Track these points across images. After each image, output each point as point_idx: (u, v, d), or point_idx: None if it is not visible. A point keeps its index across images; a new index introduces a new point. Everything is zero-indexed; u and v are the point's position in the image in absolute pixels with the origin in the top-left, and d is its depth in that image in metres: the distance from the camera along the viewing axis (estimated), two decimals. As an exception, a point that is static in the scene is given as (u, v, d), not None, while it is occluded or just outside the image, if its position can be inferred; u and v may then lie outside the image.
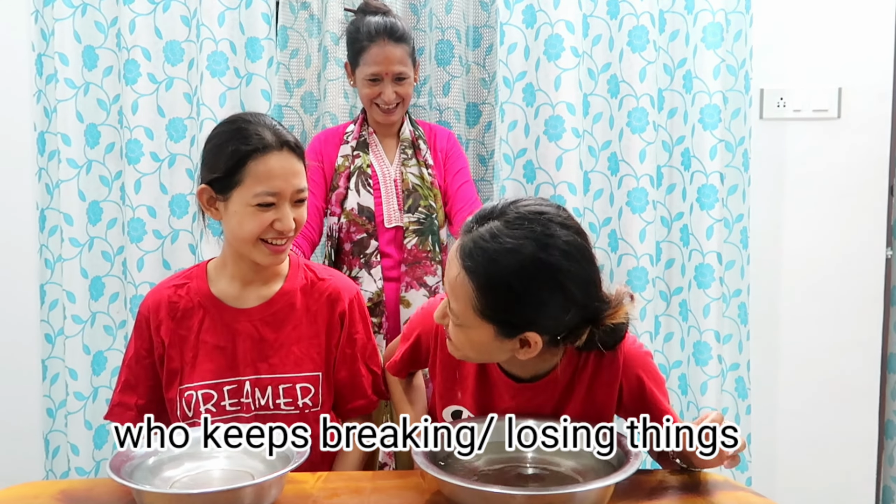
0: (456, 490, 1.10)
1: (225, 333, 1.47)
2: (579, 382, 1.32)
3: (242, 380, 1.47)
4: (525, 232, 1.16)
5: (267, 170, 1.39)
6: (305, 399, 1.48)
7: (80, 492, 1.26)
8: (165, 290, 1.51)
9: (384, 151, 2.09)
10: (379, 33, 1.99)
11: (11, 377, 2.30)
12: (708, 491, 1.23)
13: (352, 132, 2.09)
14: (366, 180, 2.04)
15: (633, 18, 2.12)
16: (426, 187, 2.06)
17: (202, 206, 1.46)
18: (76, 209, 2.16)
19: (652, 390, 1.32)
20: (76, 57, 2.13)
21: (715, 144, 2.15)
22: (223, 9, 2.09)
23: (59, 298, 2.20)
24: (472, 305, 1.18)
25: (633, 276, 2.18)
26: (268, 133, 1.40)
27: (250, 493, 1.12)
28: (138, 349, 1.50)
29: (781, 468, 2.38)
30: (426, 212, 2.05)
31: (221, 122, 1.48)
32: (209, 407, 1.45)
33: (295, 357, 1.49)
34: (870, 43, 2.28)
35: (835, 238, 2.33)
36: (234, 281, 1.49)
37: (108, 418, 1.52)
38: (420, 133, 2.11)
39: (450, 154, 2.13)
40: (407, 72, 2.02)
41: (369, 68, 2.00)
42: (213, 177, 1.41)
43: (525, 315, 1.18)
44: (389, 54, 1.99)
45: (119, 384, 1.52)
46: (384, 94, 2.00)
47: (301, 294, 1.51)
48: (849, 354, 2.35)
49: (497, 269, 1.15)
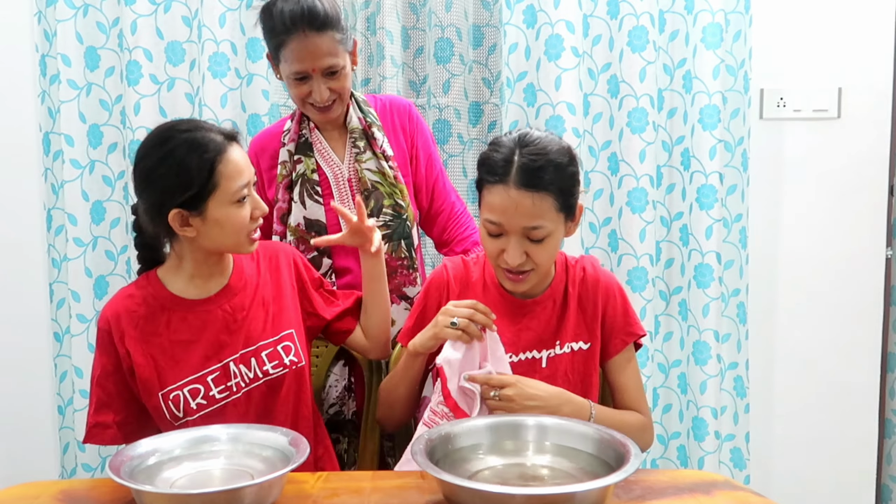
0: (456, 490, 1.10)
1: (197, 326, 1.48)
2: (571, 298, 1.52)
3: (226, 362, 1.48)
4: (543, 133, 1.45)
5: (234, 167, 1.42)
6: (290, 356, 1.52)
7: (81, 492, 1.27)
8: (121, 301, 1.50)
9: (331, 149, 1.79)
10: (296, 23, 1.63)
11: (27, 375, 2.31)
12: (708, 491, 1.23)
13: (288, 131, 1.80)
14: (312, 188, 1.76)
15: (633, 18, 2.13)
16: (388, 183, 1.77)
17: (174, 231, 1.43)
18: (80, 209, 2.17)
19: (625, 300, 1.56)
20: (78, 58, 2.13)
21: (714, 144, 2.15)
22: (224, 10, 2.09)
23: (65, 297, 2.21)
24: (556, 207, 1.41)
25: (632, 275, 2.19)
26: (214, 133, 1.43)
27: (250, 493, 1.13)
28: (105, 365, 1.48)
29: (780, 467, 2.39)
30: (392, 212, 1.78)
31: (155, 141, 1.43)
32: (199, 401, 1.46)
33: (267, 322, 1.52)
34: (870, 43, 2.28)
35: (834, 238, 2.33)
36: (194, 279, 1.51)
37: (87, 441, 1.49)
38: (372, 118, 1.81)
39: (415, 135, 1.85)
40: (339, 62, 1.68)
41: (292, 66, 1.67)
42: (187, 195, 1.40)
43: (575, 188, 1.44)
44: (313, 48, 1.65)
45: (92, 404, 1.49)
46: (315, 93, 1.69)
47: (251, 269, 1.56)
48: (849, 354, 2.35)
49: (561, 166, 1.41)
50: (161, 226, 1.44)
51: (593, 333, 1.52)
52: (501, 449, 1.29)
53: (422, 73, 2.29)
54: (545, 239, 1.42)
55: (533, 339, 1.50)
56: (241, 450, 1.29)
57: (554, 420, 1.32)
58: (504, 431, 1.31)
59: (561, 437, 1.29)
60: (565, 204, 1.42)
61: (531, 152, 1.40)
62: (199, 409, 1.45)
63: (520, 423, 1.32)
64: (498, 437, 1.30)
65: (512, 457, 1.28)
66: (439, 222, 1.90)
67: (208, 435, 1.32)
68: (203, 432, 1.32)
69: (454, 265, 1.60)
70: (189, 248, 1.48)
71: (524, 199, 1.38)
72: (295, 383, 1.53)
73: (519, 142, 1.42)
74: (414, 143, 1.85)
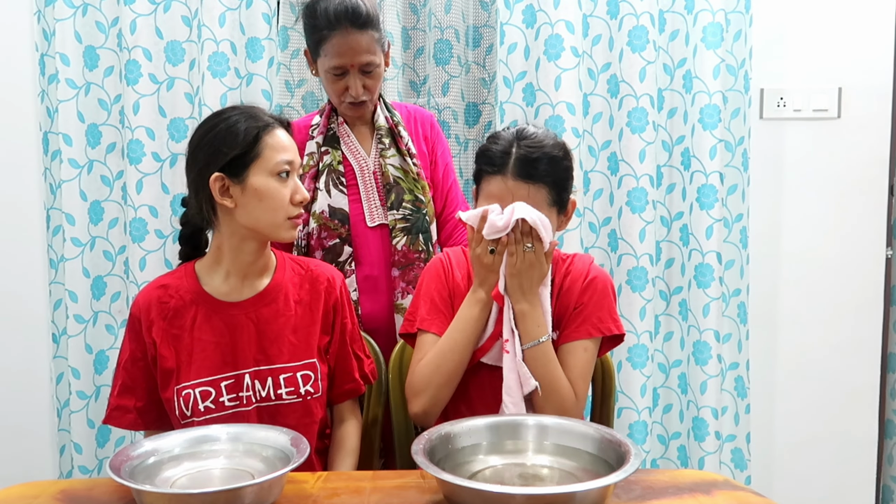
0: (456, 490, 1.10)
1: (221, 329, 1.48)
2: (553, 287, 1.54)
3: (241, 373, 1.47)
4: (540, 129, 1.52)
5: (279, 141, 1.45)
6: (307, 386, 1.50)
7: (80, 492, 1.26)
8: (154, 290, 1.51)
9: (359, 143, 1.88)
10: (340, 19, 1.73)
11: (24, 376, 2.31)
12: (708, 491, 1.23)
13: (317, 125, 1.88)
14: (337, 178, 1.85)
15: (633, 18, 2.12)
16: (410, 179, 1.86)
17: (213, 199, 1.44)
18: (78, 209, 2.16)
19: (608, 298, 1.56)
20: (77, 57, 2.13)
21: (714, 144, 2.15)
22: (224, 9, 2.09)
23: (62, 298, 2.21)
24: (549, 199, 1.47)
25: (632, 275, 2.19)
26: (266, 115, 1.48)
27: (250, 493, 1.12)
28: (133, 351, 1.50)
29: (781, 468, 2.38)
30: (412, 207, 1.85)
31: (212, 115, 1.49)
32: (208, 404, 1.45)
33: (293, 346, 1.50)
34: (870, 43, 2.28)
35: (835, 238, 2.33)
36: (230, 277, 1.50)
37: (106, 422, 1.51)
38: (398, 119, 1.91)
39: (436, 144, 1.96)
40: (375, 61, 1.78)
41: (332, 60, 1.76)
42: (231, 156, 1.42)
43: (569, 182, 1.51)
44: (354, 44, 1.74)
45: (116, 387, 1.51)
46: (351, 89, 1.78)
47: (292, 285, 1.54)
48: (849, 354, 2.35)
49: (556, 160, 1.47)
50: (204, 196, 1.45)
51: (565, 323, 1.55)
52: (501, 449, 1.29)
53: (422, 73, 2.29)
54: None
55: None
56: (241, 450, 1.29)
57: (554, 420, 1.32)
58: (504, 431, 1.31)
59: (561, 437, 1.29)
60: (558, 197, 1.49)
61: (528, 145, 1.47)
62: (207, 412, 1.45)
63: (520, 423, 1.32)
64: (498, 437, 1.30)
65: (512, 457, 1.28)
66: (447, 228, 1.98)
67: (208, 435, 1.32)
68: (203, 432, 1.32)
69: (454, 252, 1.65)
70: (228, 232, 1.47)
71: (520, 189, 1.45)
72: (306, 414, 1.51)
73: (517, 135, 1.49)
74: (434, 151, 1.96)
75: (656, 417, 2.27)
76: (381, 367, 1.72)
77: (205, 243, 1.57)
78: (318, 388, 1.51)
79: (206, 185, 1.43)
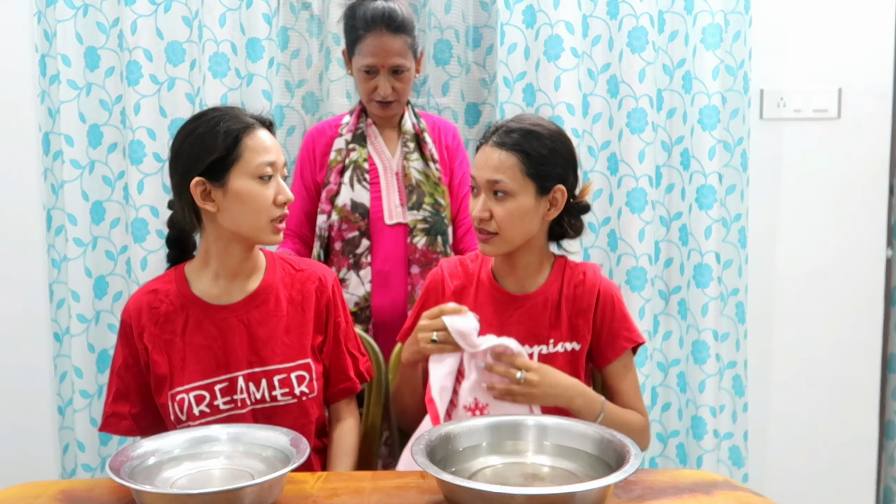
0: (456, 490, 1.11)
1: (213, 332, 1.48)
2: (565, 299, 1.54)
3: (235, 376, 1.47)
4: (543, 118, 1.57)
5: (260, 143, 1.44)
6: (302, 387, 1.50)
7: (81, 492, 1.27)
8: (144, 295, 1.50)
9: (385, 144, 1.97)
10: (376, 22, 1.85)
11: (27, 375, 2.31)
12: (708, 491, 1.23)
13: (347, 124, 1.98)
14: (361, 175, 1.93)
15: (633, 19, 2.13)
16: (431, 183, 1.95)
17: (195, 204, 1.44)
18: (80, 209, 2.17)
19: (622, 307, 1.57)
20: (78, 58, 2.13)
21: (714, 145, 2.15)
22: (224, 10, 2.09)
23: (65, 298, 2.21)
24: (522, 170, 1.47)
25: (632, 275, 2.19)
26: (246, 115, 1.46)
27: (250, 493, 1.13)
28: (126, 357, 1.50)
29: (779, 468, 2.39)
30: (432, 209, 1.94)
31: (192, 118, 1.48)
32: (203, 408, 1.45)
33: (286, 347, 1.50)
34: (870, 43, 2.28)
35: (834, 238, 2.33)
36: (219, 279, 1.49)
37: (102, 430, 1.51)
38: (423, 126, 2.00)
39: (456, 154, 2.04)
40: (405, 64, 1.88)
41: (364, 59, 1.87)
42: (210, 160, 1.41)
43: (553, 166, 1.49)
44: (387, 45, 1.85)
45: (110, 394, 1.50)
46: (380, 89, 1.88)
47: (283, 285, 1.53)
48: (849, 354, 2.35)
49: (533, 134, 1.49)
50: (186, 201, 1.44)
51: (584, 336, 1.54)
52: (501, 449, 1.30)
53: (422, 74, 2.29)
54: (506, 197, 1.47)
55: (523, 333, 1.51)
56: (241, 450, 1.29)
57: (554, 420, 1.33)
58: (504, 431, 1.31)
59: (561, 437, 1.30)
60: (535, 172, 1.48)
61: (515, 120, 1.54)
62: (202, 416, 1.45)
63: (520, 423, 1.33)
64: (498, 437, 1.31)
65: (512, 457, 1.29)
66: (458, 234, 2.05)
67: (208, 435, 1.32)
68: (203, 432, 1.33)
69: (449, 263, 1.65)
70: (213, 235, 1.46)
71: (493, 153, 1.49)
72: (302, 415, 1.51)
73: (515, 117, 1.56)
74: (453, 160, 2.04)
75: (655, 416, 2.28)
76: (381, 367, 1.73)
77: (192, 246, 1.55)
78: (313, 388, 1.51)
79: (188, 190, 1.43)
